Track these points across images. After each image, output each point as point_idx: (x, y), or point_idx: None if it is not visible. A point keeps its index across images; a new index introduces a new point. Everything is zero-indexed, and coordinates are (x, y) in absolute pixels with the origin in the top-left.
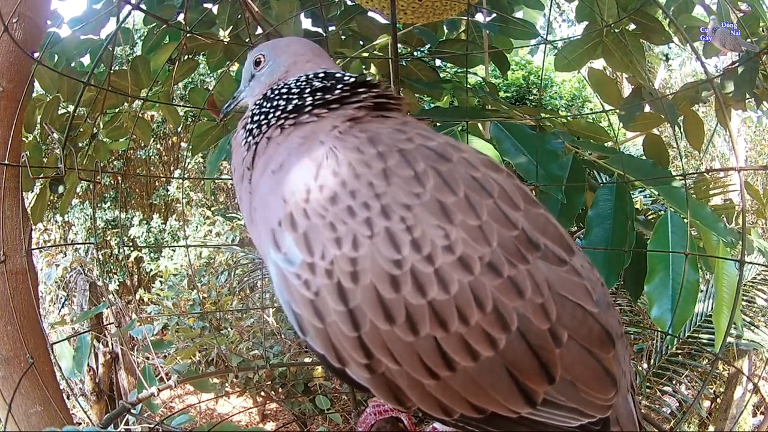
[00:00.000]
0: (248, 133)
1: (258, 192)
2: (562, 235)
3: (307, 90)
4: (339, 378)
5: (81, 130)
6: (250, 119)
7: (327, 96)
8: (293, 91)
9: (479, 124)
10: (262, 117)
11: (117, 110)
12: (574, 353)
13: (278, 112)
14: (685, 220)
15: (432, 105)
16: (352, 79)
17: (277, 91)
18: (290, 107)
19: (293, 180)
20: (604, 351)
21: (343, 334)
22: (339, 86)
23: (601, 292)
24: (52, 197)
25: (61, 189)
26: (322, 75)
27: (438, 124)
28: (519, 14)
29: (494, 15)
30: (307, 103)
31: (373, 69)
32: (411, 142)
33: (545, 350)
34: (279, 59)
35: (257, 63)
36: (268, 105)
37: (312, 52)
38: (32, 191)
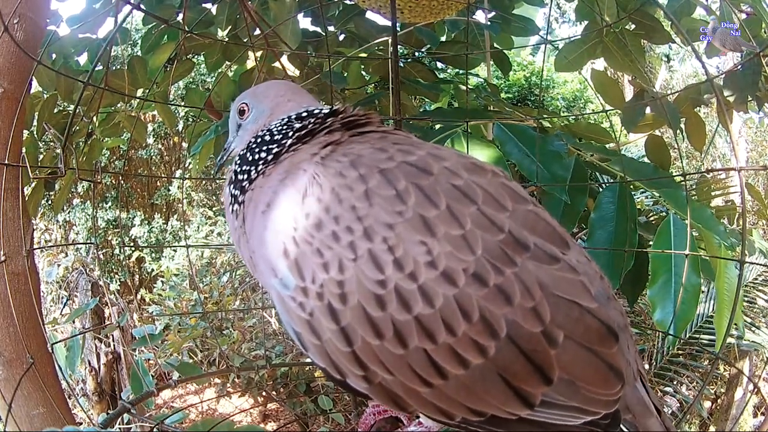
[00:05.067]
0: (233, 198)
1: (253, 235)
2: (554, 230)
3: (288, 133)
4: (342, 388)
5: (77, 128)
6: (234, 180)
7: (300, 132)
8: (275, 137)
9: (482, 126)
10: (244, 177)
11: (113, 108)
12: (572, 352)
13: (259, 165)
14: (687, 223)
15: (431, 106)
16: (324, 112)
17: (260, 139)
18: (270, 157)
19: (282, 212)
20: (606, 347)
21: (339, 349)
22: (310, 119)
23: (600, 286)
24: (48, 194)
25: (57, 186)
26: (304, 114)
27: (438, 126)
28: (518, 12)
29: (494, 13)
30: (286, 144)
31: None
32: (392, 160)
33: (539, 353)
34: (261, 105)
35: (241, 112)
36: (249, 159)
37: (291, 91)
38: (29, 185)
